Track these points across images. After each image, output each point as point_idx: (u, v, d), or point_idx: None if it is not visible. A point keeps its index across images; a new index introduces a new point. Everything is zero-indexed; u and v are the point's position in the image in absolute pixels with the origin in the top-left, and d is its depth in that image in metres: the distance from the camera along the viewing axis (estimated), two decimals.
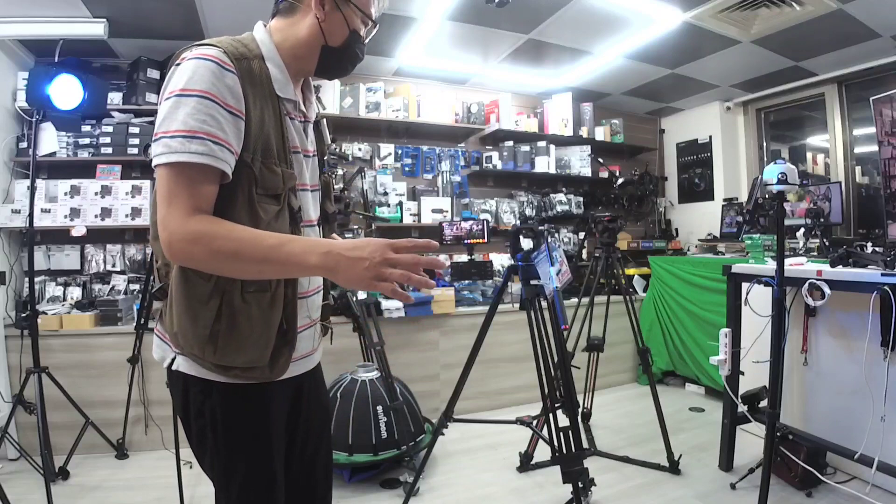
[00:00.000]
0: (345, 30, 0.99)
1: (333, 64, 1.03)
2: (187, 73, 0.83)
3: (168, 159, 0.80)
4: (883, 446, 1.90)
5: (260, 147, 0.89)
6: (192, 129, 0.80)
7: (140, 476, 2.49)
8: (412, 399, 2.63)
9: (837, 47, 3.26)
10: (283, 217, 0.92)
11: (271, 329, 0.91)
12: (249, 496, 0.95)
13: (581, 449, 1.76)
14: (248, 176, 0.87)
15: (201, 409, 0.93)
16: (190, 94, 0.82)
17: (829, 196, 3.23)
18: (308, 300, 1.03)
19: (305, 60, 1.00)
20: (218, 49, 0.86)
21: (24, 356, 2.52)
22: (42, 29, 2.68)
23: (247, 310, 0.88)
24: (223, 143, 0.83)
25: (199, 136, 0.80)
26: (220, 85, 0.84)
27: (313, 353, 1.09)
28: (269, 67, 0.93)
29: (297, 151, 0.98)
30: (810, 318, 2.43)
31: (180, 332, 0.90)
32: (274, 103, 0.93)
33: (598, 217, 2.83)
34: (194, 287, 0.87)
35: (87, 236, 3.01)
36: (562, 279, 2.24)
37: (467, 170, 4.06)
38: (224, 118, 0.84)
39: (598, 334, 2.83)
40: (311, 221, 1.04)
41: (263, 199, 0.89)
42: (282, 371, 0.95)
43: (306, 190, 1.03)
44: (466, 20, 2.94)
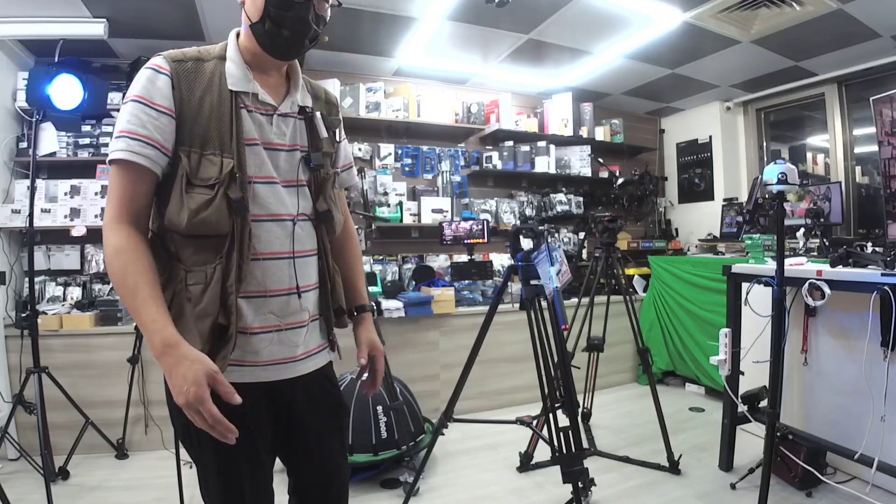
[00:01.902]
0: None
1: (266, 38, 0.97)
2: (133, 82, 0.94)
3: (110, 157, 0.90)
4: (883, 446, 1.90)
5: (198, 139, 0.93)
6: (121, 130, 0.90)
7: (140, 476, 2.49)
8: (412, 399, 2.63)
9: (837, 47, 3.26)
10: (215, 207, 0.90)
11: (204, 322, 0.89)
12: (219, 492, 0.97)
13: (581, 449, 1.76)
14: (183, 167, 0.91)
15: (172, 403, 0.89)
16: (127, 100, 0.93)
17: (829, 196, 3.23)
18: (271, 300, 0.97)
19: (254, 50, 1.00)
20: (161, 57, 0.96)
21: (24, 356, 2.52)
22: (42, 29, 2.68)
23: (188, 302, 0.90)
24: (141, 139, 0.89)
25: (121, 136, 0.89)
26: (151, 87, 0.92)
27: (296, 361, 1.02)
28: (227, 65, 0.98)
29: (253, 143, 0.96)
30: (810, 318, 2.43)
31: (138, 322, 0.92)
32: (224, 96, 0.95)
33: (598, 217, 2.82)
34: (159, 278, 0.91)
35: (87, 236, 3.01)
36: (562, 279, 2.24)
37: (467, 170, 4.06)
38: (150, 116, 0.90)
39: (598, 334, 2.82)
40: (276, 216, 0.98)
41: (195, 188, 0.91)
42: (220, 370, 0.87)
43: (274, 183, 0.98)
44: (466, 20, 2.94)
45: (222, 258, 0.91)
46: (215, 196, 0.90)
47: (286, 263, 0.99)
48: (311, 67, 3.61)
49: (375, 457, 2.34)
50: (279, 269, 0.98)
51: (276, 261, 0.98)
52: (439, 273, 3.70)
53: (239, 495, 0.97)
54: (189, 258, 0.93)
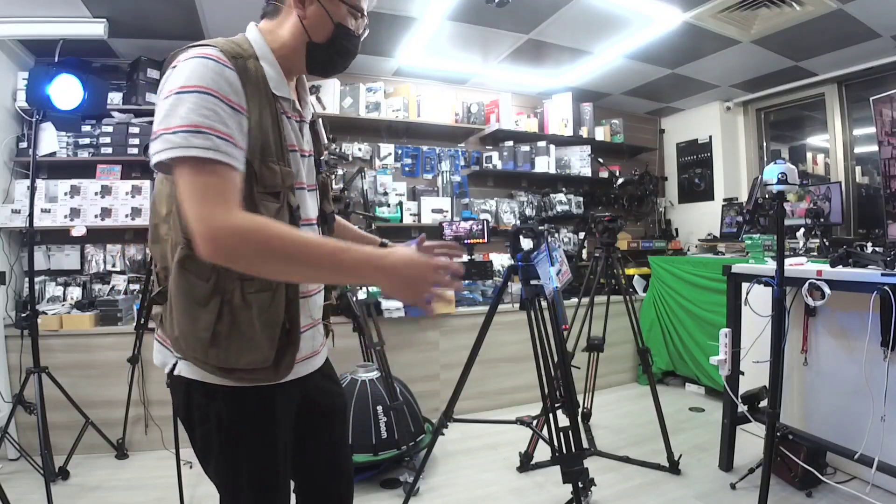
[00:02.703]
0: (329, 24, 0.96)
1: (322, 61, 1.00)
2: (186, 72, 0.82)
3: (171, 154, 0.77)
4: (883, 446, 1.90)
5: (259, 145, 0.88)
6: (194, 124, 0.78)
7: (140, 476, 2.49)
8: (412, 399, 2.63)
9: (837, 47, 3.26)
10: (282, 215, 0.90)
11: (274, 329, 0.89)
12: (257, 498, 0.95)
13: (581, 449, 1.76)
14: (249, 173, 0.86)
15: (206, 413, 0.92)
16: (190, 90, 0.80)
17: (829, 196, 3.23)
18: (310, 300, 1.02)
19: (293, 60, 0.98)
20: (214, 48, 0.86)
21: (24, 356, 2.52)
22: (42, 29, 2.68)
23: (248, 310, 0.87)
24: (226, 138, 0.81)
25: (203, 131, 0.78)
26: (221, 80, 0.82)
27: (317, 355, 1.07)
28: (263, 66, 0.92)
29: (294, 150, 0.97)
30: (810, 318, 2.43)
31: (181, 335, 0.88)
32: (270, 102, 0.92)
33: (598, 217, 2.82)
34: (193, 289, 0.86)
35: (87, 236, 3.01)
36: (562, 279, 2.24)
37: (467, 170, 4.06)
38: (226, 113, 0.82)
39: (598, 334, 2.82)
40: (309, 220, 1.03)
41: (264, 196, 0.88)
42: (286, 372, 0.93)
43: (304, 189, 1.01)
44: (466, 20, 2.94)
45: None
46: (282, 205, 0.90)
47: None
48: None
49: (375, 457, 2.34)
50: None
51: None
52: None
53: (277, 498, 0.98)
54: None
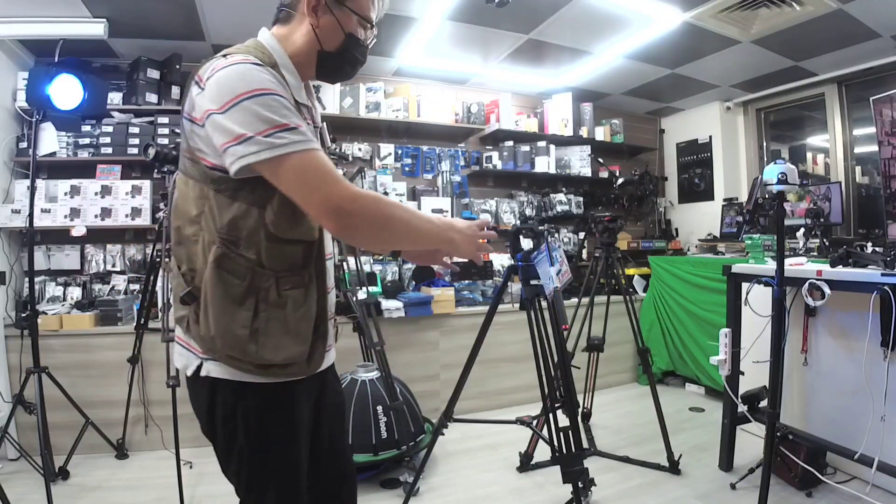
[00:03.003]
0: (340, 34, 1.00)
1: (332, 68, 1.04)
2: (239, 79, 0.85)
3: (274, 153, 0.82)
4: (883, 446, 1.90)
5: None
6: (281, 124, 0.84)
7: (140, 476, 2.49)
8: (412, 399, 2.63)
9: (837, 47, 3.25)
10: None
11: (308, 324, 0.96)
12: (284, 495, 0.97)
13: (581, 449, 1.76)
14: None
15: (232, 412, 0.94)
16: (255, 93, 0.84)
17: (829, 196, 3.23)
18: (329, 296, 1.07)
19: (305, 66, 1.01)
20: (249, 55, 0.90)
21: (24, 356, 2.52)
22: (42, 29, 2.68)
23: (283, 307, 0.92)
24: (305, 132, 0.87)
25: (291, 127, 0.85)
26: (274, 82, 0.88)
27: (332, 349, 1.12)
28: (284, 74, 0.95)
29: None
30: (810, 318, 2.43)
31: (218, 334, 0.90)
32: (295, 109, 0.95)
33: (598, 217, 2.82)
34: (230, 288, 0.90)
35: (87, 236, 3.01)
36: (562, 279, 2.24)
37: (467, 170, 4.06)
38: (290, 109, 0.87)
39: (598, 334, 2.82)
40: None
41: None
42: (318, 365, 1.00)
43: None
44: (466, 20, 2.94)
45: (312, 261, 0.98)
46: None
47: (331, 263, 1.10)
48: None
49: (375, 457, 2.34)
50: (330, 269, 1.09)
51: (329, 261, 1.08)
52: (439, 273, 3.70)
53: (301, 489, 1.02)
54: (280, 263, 0.93)
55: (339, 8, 0.98)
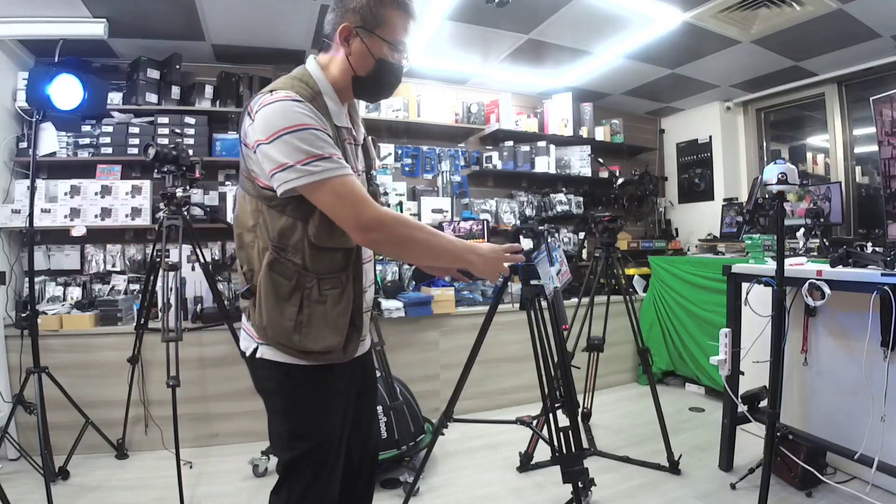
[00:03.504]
0: (370, 60, 1.11)
1: (367, 91, 1.18)
2: (282, 115, 0.99)
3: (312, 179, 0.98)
4: (883, 446, 1.90)
5: None
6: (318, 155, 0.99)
7: (140, 476, 2.49)
8: (412, 399, 2.63)
9: (837, 47, 3.26)
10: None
11: (345, 318, 1.11)
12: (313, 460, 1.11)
13: (581, 449, 1.76)
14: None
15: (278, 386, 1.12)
16: (297, 129, 0.98)
17: (829, 196, 3.23)
18: (365, 295, 1.22)
19: (344, 90, 1.15)
20: (293, 92, 1.03)
21: (24, 356, 2.51)
22: (42, 29, 2.68)
23: (323, 304, 1.08)
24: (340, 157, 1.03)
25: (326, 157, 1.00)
26: (314, 116, 1.01)
27: (365, 340, 1.26)
28: (327, 101, 1.09)
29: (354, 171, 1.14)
30: (810, 318, 2.43)
31: (269, 325, 1.08)
32: (334, 132, 1.08)
33: (598, 217, 2.82)
34: (279, 287, 1.07)
35: (87, 236, 3.01)
36: (562, 279, 2.23)
37: (467, 170, 4.06)
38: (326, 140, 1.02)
39: (598, 334, 2.82)
40: None
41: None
42: (353, 353, 1.15)
43: None
44: (466, 20, 2.94)
45: (350, 266, 1.12)
46: None
47: (370, 265, 1.26)
48: None
49: None
50: (369, 270, 1.25)
51: (367, 263, 1.24)
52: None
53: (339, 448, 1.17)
54: (322, 267, 1.09)
55: (369, 36, 1.09)
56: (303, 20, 2.89)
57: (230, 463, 2.60)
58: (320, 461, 1.12)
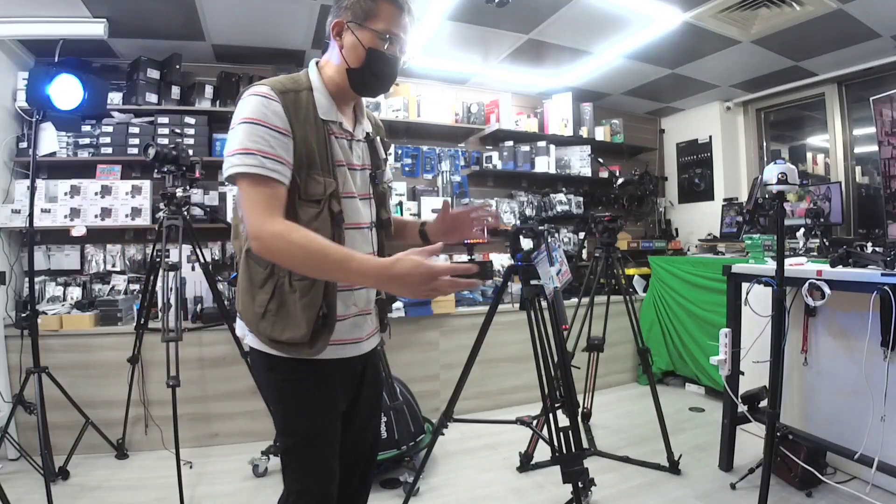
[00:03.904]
0: (361, 50, 1.12)
1: (361, 83, 1.15)
2: (242, 107, 1.04)
3: (231, 171, 1.01)
4: (883, 446, 1.90)
5: (305, 162, 1.07)
6: (245, 148, 1.00)
7: (140, 476, 2.49)
8: (412, 399, 2.63)
9: (837, 47, 3.25)
10: (322, 219, 1.07)
11: (312, 311, 1.06)
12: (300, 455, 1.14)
13: (581, 449, 1.76)
14: (294, 185, 1.06)
15: (265, 379, 1.17)
16: (244, 121, 1.02)
17: (829, 196, 3.23)
18: (354, 293, 1.18)
19: (341, 86, 1.15)
20: (265, 86, 1.06)
21: (24, 356, 2.51)
22: (42, 29, 2.68)
23: (293, 294, 1.07)
24: (272, 157, 1.01)
25: (251, 153, 1.00)
26: (267, 111, 1.03)
27: (363, 341, 1.22)
28: (315, 96, 1.12)
29: (341, 165, 1.14)
30: (810, 318, 2.43)
31: (242, 310, 1.13)
32: (319, 125, 1.10)
33: (598, 217, 2.82)
34: (254, 274, 1.10)
35: (87, 236, 3.01)
36: (562, 279, 2.24)
37: (467, 170, 4.06)
38: (272, 137, 1.02)
39: (598, 334, 2.82)
40: (358, 224, 1.17)
41: (305, 203, 1.07)
42: (320, 350, 1.09)
43: (353, 197, 1.17)
44: (466, 20, 2.94)
45: None
46: (322, 210, 1.07)
47: None
48: None
49: None
50: None
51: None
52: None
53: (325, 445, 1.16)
54: None
55: (360, 28, 1.11)
56: (303, 20, 2.89)
57: (230, 463, 2.60)
58: (306, 457, 1.13)
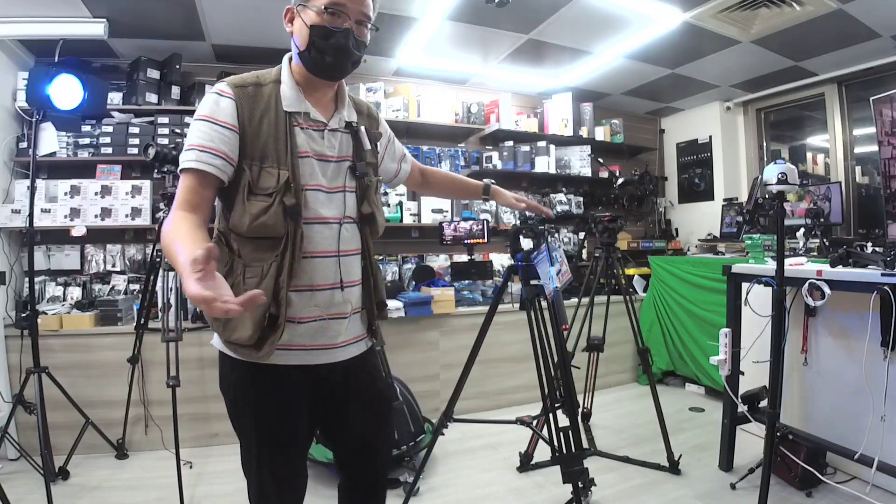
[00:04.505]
0: (305, 30, 1.07)
1: (313, 65, 1.10)
2: (200, 105, 1.07)
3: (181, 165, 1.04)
4: (883, 446, 1.90)
5: (258, 154, 1.05)
6: (189, 144, 1.03)
7: (140, 476, 2.49)
8: (412, 399, 2.63)
9: (837, 47, 3.26)
10: (273, 213, 1.02)
11: (256, 312, 1.01)
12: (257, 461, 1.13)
13: (581, 449, 1.76)
14: (245, 178, 1.04)
15: (225, 383, 1.14)
16: (195, 119, 1.06)
17: (829, 196, 3.23)
18: (317, 294, 1.10)
19: (303, 74, 1.13)
20: (224, 82, 1.08)
21: (24, 356, 2.51)
22: (42, 29, 2.68)
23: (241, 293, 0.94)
24: (209, 151, 1.02)
25: (191, 148, 1.03)
26: (216, 108, 1.05)
27: (336, 348, 1.15)
28: (282, 88, 1.10)
29: (305, 155, 1.09)
30: (810, 318, 2.43)
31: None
32: (280, 116, 1.08)
33: (598, 217, 2.82)
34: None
35: (87, 236, 3.01)
36: (562, 279, 2.23)
37: (467, 170, 4.05)
38: (216, 132, 1.03)
39: (598, 334, 2.82)
40: (323, 219, 1.11)
41: (256, 196, 1.04)
42: (267, 354, 1.04)
43: (319, 190, 1.11)
44: (466, 20, 2.94)
45: (277, 256, 1.04)
46: (273, 203, 1.03)
47: (332, 261, 1.12)
48: None
49: None
50: (325, 267, 1.11)
51: (323, 259, 1.11)
52: (439, 273, 3.70)
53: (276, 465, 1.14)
54: (248, 255, 1.06)
55: (303, 10, 1.07)
56: None
57: (230, 463, 2.60)
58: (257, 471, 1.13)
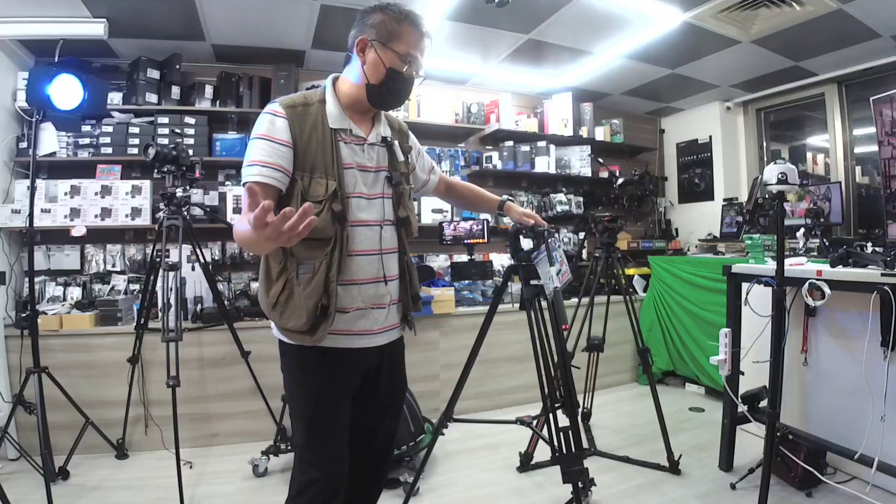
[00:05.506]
0: (382, 69, 1.24)
1: (378, 98, 1.28)
2: (256, 124, 1.23)
3: (243, 179, 1.20)
4: (883, 446, 1.90)
5: (308, 166, 1.22)
6: (251, 160, 1.19)
7: (140, 476, 2.49)
8: (412, 399, 2.63)
9: (837, 47, 3.26)
10: (324, 217, 1.18)
11: (310, 302, 1.19)
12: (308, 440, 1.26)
13: (581, 449, 1.75)
14: (298, 187, 1.21)
15: (283, 364, 1.31)
16: (253, 137, 1.22)
17: (829, 196, 3.23)
18: (362, 287, 1.28)
19: (357, 98, 1.29)
20: (276, 104, 1.24)
21: (24, 356, 2.51)
22: (42, 29, 2.68)
23: (298, 287, 1.21)
24: (269, 166, 1.18)
25: (253, 164, 1.18)
26: (272, 127, 1.21)
27: (376, 333, 1.32)
28: (327, 107, 1.26)
29: (349, 167, 1.26)
30: (810, 318, 2.43)
31: (260, 300, 1.29)
32: (326, 133, 1.24)
33: (598, 217, 2.82)
34: (270, 268, 1.25)
35: (87, 236, 3.01)
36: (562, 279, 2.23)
37: (467, 170, 4.06)
38: (274, 149, 1.19)
39: (598, 334, 2.82)
40: (365, 222, 1.28)
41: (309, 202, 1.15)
42: (321, 338, 1.21)
43: (361, 197, 1.28)
44: (466, 20, 2.94)
45: (327, 255, 1.21)
46: (323, 209, 1.19)
47: (375, 259, 1.30)
48: (313, 67, 3.61)
49: None
50: (369, 263, 1.29)
51: (366, 257, 1.29)
52: (439, 273, 3.70)
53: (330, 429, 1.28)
54: (301, 254, 1.22)
55: (383, 48, 1.23)
56: (303, 20, 2.89)
57: (230, 463, 2.60)
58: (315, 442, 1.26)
